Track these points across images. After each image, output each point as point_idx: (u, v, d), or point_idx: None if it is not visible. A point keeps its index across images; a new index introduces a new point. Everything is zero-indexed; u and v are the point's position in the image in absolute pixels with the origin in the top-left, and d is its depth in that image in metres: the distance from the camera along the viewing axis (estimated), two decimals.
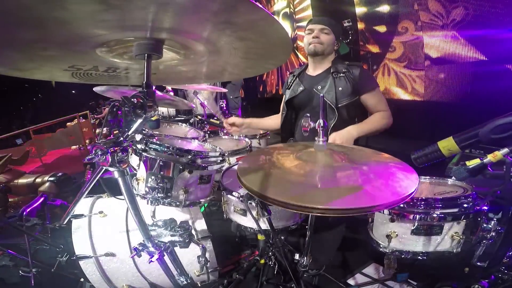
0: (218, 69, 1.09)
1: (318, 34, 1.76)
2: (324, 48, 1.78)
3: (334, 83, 1.73)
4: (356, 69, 1.74)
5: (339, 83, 1.73)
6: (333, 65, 1.79)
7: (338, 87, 1.72)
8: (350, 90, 1.71)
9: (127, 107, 0.76)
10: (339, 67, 1.76)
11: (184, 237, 1.16)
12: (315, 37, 1.77)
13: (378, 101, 1.75)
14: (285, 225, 1.42)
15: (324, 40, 1.77)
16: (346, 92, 1.71)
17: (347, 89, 1.71)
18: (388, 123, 1.72)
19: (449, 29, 2.83)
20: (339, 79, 1.73)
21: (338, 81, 1.73)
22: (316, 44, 1.77)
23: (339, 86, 1.72)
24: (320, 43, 1.77)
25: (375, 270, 1.68)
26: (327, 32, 1.77)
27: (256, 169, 1.00)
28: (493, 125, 0.85)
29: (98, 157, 0.74)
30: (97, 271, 1.35)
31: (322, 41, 1.77)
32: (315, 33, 1.77)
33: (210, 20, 0.73)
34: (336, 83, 1.73)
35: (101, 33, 0.74)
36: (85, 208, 1.50)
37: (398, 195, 0.81)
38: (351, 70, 1.74)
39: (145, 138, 1.35)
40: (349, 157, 1.02)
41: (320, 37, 1.76)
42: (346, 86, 1.72)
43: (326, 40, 1.77)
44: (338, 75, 1.74)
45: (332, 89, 1.72)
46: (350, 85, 1.71)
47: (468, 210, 1.12)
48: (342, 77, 1.73)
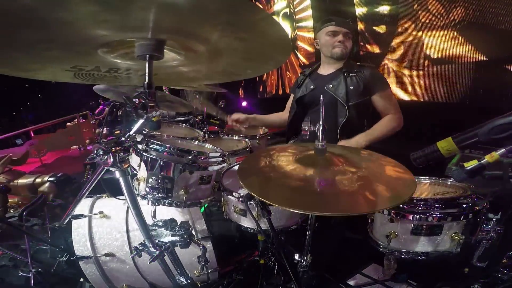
0: (218, 69, 1.10)
1: (344, 39, 1.77)
2: (347, 53, 1.80)
3: (346, 82, 1.74)
4: (368, 70, 1.76)
5: (351, 82, 1.74)
6: (345, 65, 1.80)
7: (349, 86, 1.73)
8: (361, 89, 1.72)
9: (129, 107, 0.76)
10: (351, 67, 1.77)
11: (184, 237, 1.16)
12: (342, 42, 1.77)
13: (388, 103, 1.76)
14: (285, 225, 1.42)
15: (348, 46, 1.79)
16: (357, 91, 1.72)
17: (358, 88, 1.72)
18: (397, 127, 1.73)
19: (449, 29, 2.83)
20: (350, 78, 1.74)
21: (350, 80, 1.74)
22: (343, 49, 1.77)
23: (350, 85, 1.73)
24: (346, 48, 1.78)
25: (375, 270, 1.68)
26: (350, 37, 1.79)
27: (257, 172, 1.01)
28: (492, 125, 0.85)
29: (99, 157, 0.74)
30: (97, 271, 1.36)
31: (347, 46, 1.78)
32: (341, 37, 1.77)
33: (210, 21, 0.73)
34: (347, 82, 1.74)
35: (103, 33, 0.74)
36: (85, 208, 1.50)
37: (395, 200, 0.82)
38: (362, 71, 1.75)
39: (146, 139, 1.36)
40: (348, 160, 1.03)
41: (345, 42, 1.77)
42: (357, 85, 1.72)
43: (349, 45, 1.79)
44: (349, 75, 1.75)
45: (344, 87, 1.73)
46: (361, 85, 1.72)
47: (468, 211, 1.12)
48: (354, 77, 1.74)
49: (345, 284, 1.61)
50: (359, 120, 1.75)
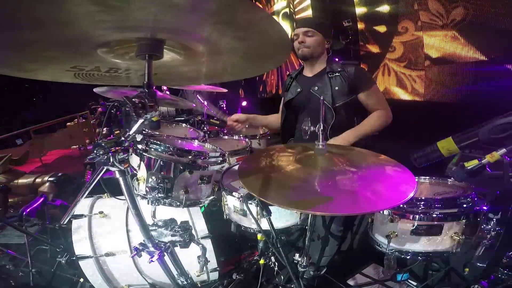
0: (218, 69, 1.10)
1: (303, 38, 1.76)
2: (311, 51, 1.77)
3: (330, 83, 1.73)
4: (351, 67, 1.73)
5: (335, 83, 1.72)
6: (328, 65, 1.79)
7: (334, 86, 1.72)
8: (346, 89, 1.71)
9: (129, 107, 0.76)
10: (334, 67, 1.76)
11: (184, 237, 1.16)
12: (301, 42, 1.76)
13: (375, 99, 1.74)
14: (285, 225, 1.42)
15: (310, 43, 1.75)
16: (343, 91, 1.71)
17: (343, 88, 1.71)
18: (385, 122, 1.71)
19: (449, 29, 2.83)
20: (334, 78, 1.73)
21: (334, 80, 1.73)
22: (303, 48, 1.76)
23: (335, 85, 1.72)
24: (307, 47, 1.76)
25: (375, 270, 1.68)
26: (311, 34, 1.75)
27: (257, 172, 1.01)
28: (493, 125, 0.85)
29: (99, 157, 0.74)
30: (97, 271, 1.36)
31: (308, 45, 1.75)
32: (300, 37, 1.77)
33: (209, 20, 0.73)
34: (332, 83, 1.72)
35: (101, 34, 0.74)
36: (85, 208, 1.50)
37: (395, 200, 0.82)
38: (346, 69, 1.73)
39: (146, 138, 1.36)
40: (348, 160, 1.03)
41: (305, 40, 1.75)
42: (342, 85, 1.71)
43: (311, 43, 1.75)
44: (333, 75, 1.74)
45: (329, 89, 1.72)
46: (346, 84, 1.71)
47: (468, 210, 1.12)
48: (338, 76, 1.73)
49: (345, 284, 1.60)
50: (348, 119, 1.73)
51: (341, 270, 1.71)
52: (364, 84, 1.72)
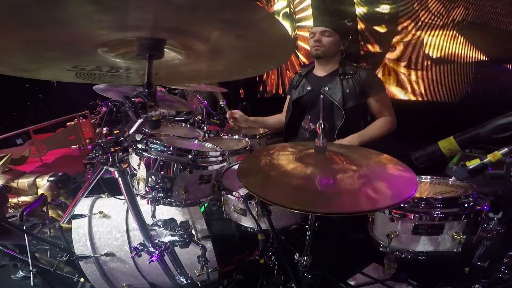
0: (219, 68, 1.09)
1: (319, 37, 1.76)
2: (325, 51, 1.77)
3: (342, 84, 1.73)
4: (364, 71, 1.75)
5: (347, 85, 1.73)
6: (341, 67, 1.79)
7: (345, 88, 1.73)
8: (357, 92, 1.72)
9: (128, 107, 0.76)
10: (346, 69, 1.77)
11: (184, 237, 1.16)
12: (317, 41, 1.76)
13: (383, 105, 1.76)
14: (285, 225, 1.42)
15: (325, 43, 1.76)
16: (354, 93, 1.72)
17: (354, 90, 1.72)
18: (390, 129, 1.74)
19: (450, 29, 2.83)
20: (346, 80, 1.74)
21: (346, 82, 1.74)
22: (318, 47, 1.77)
23: (347, 87, 1.73)
24: (321, 46, 1.76)
25: (375, 270, 1.67)
26: (328, 35, 1.76)
27: (257, 171, 1.00)
28: (494, 125, 0.85)
29: (98, 157, 0.74)
30: (97, 271, 1.35)
31: (323, 44, 1.76)
32: (317, 36, 1.77)
33: (211, 20, 0.73)
34: (343, 85, 1.73)
35: (101, 33, 0.74)
36: (85, 208, 1.49)
37: (397, 198, 0.81)
38: (358, 72, 1.74)
39: (146, 138, 1.35)
40: (349, 158, 1.02)
41: (322, 40, 1.76)
42: (353, 87, 1.72)
43: (327, 43, 1.76)
44: (345, 77, 1.75)
45: (340, 90, 1.72)
46: (357, 87, 1.72)
47: (469, 210, 1.12)
48: (350, 79, 1.74)
49: (345, 283, 1.60)
50: (356, 122, 1.76)
51: (341, 270, 1.71)
52: (376, 90, 1.74)
